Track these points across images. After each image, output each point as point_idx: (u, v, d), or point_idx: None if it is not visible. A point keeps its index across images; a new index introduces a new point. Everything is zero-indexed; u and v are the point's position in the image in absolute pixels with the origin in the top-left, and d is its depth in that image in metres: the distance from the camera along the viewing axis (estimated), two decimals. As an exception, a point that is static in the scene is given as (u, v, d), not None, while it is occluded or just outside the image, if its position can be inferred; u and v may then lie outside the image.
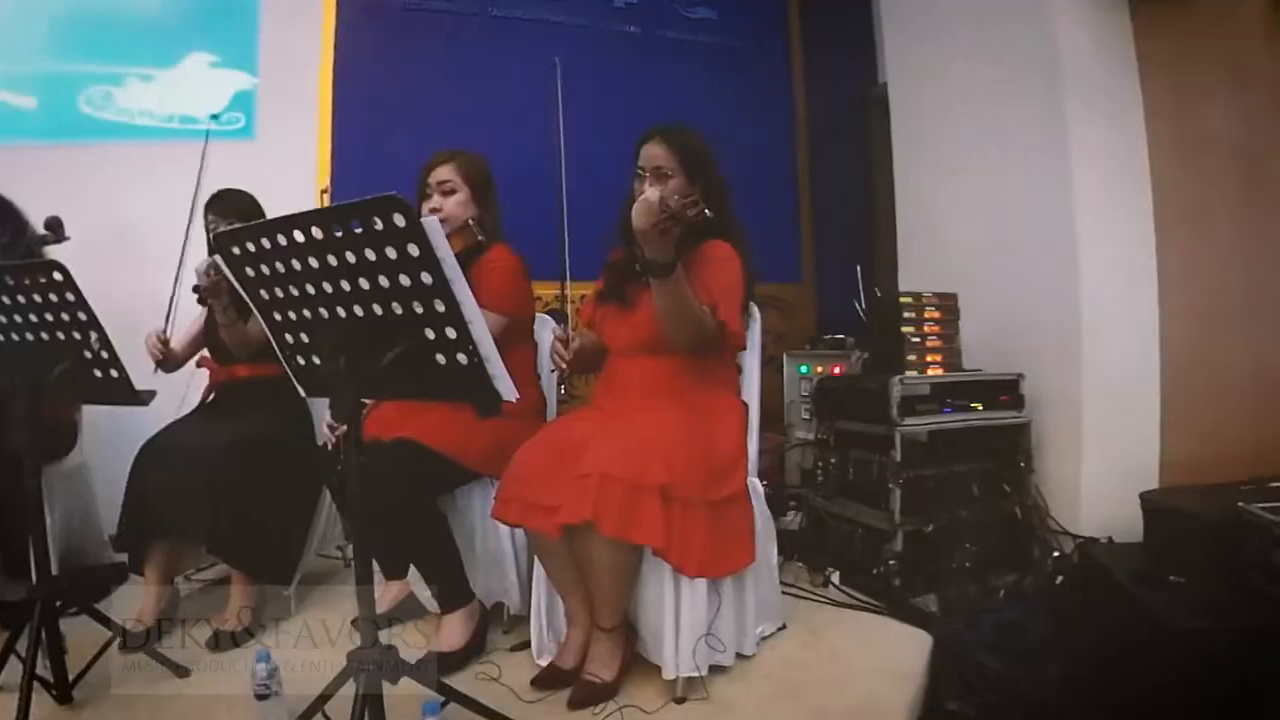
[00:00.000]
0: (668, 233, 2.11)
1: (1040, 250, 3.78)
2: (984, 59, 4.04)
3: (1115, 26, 3.70)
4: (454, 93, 4.60)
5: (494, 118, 4.50)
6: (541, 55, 4.71)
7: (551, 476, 2.32)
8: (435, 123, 4.46)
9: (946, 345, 3.62)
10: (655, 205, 2.07)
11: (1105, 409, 3.57)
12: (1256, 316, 3.60)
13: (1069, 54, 3.64)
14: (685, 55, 5.06)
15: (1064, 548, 3.39)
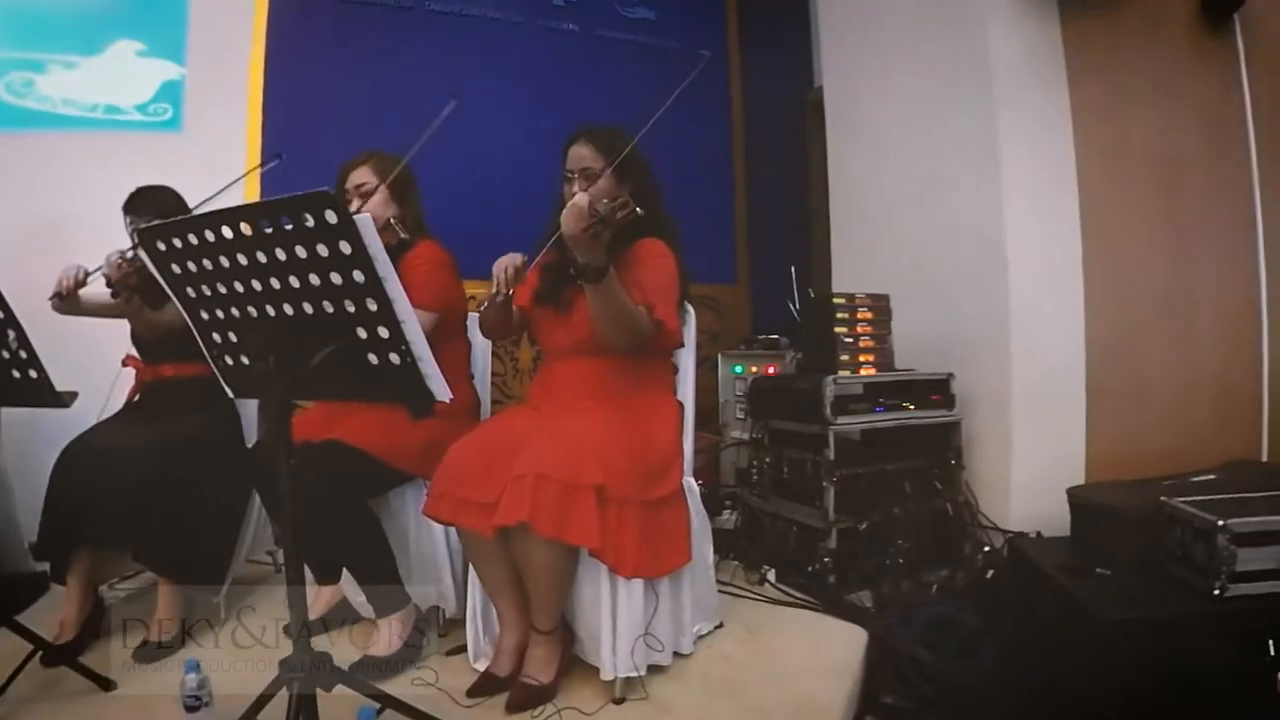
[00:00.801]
0: (598, 237, 2.09)
1: (971, 253, 3.86)
2: (918, 65, 4.12)
3: (1045, 36, 3.80)
4: (389, 88, 4.52)
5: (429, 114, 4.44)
6: (479, 51, 4.72)
7: (486, 475, 2.29)
8: (370, 118, 4.37)
9: (879, 345, 3.66)
10: (584, 210, 2.06)
11: (1033, 407, 3.66)
12: (1177, 318, 3.78)
13: (1001, 62, 3.73)
14: (623, 55, 5.07)
15: (994, 543, 3.46)
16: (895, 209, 4.28)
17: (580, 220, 2.05)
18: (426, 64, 4.59)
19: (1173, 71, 3.82)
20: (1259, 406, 3.79)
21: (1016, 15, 3.75)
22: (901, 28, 4.21)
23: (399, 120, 4.34)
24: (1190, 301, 3.78)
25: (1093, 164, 3.79)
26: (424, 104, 4.45)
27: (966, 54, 3.85)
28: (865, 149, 4.48)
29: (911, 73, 4.16)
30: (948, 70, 3.95)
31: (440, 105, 4.48)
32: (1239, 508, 2.47)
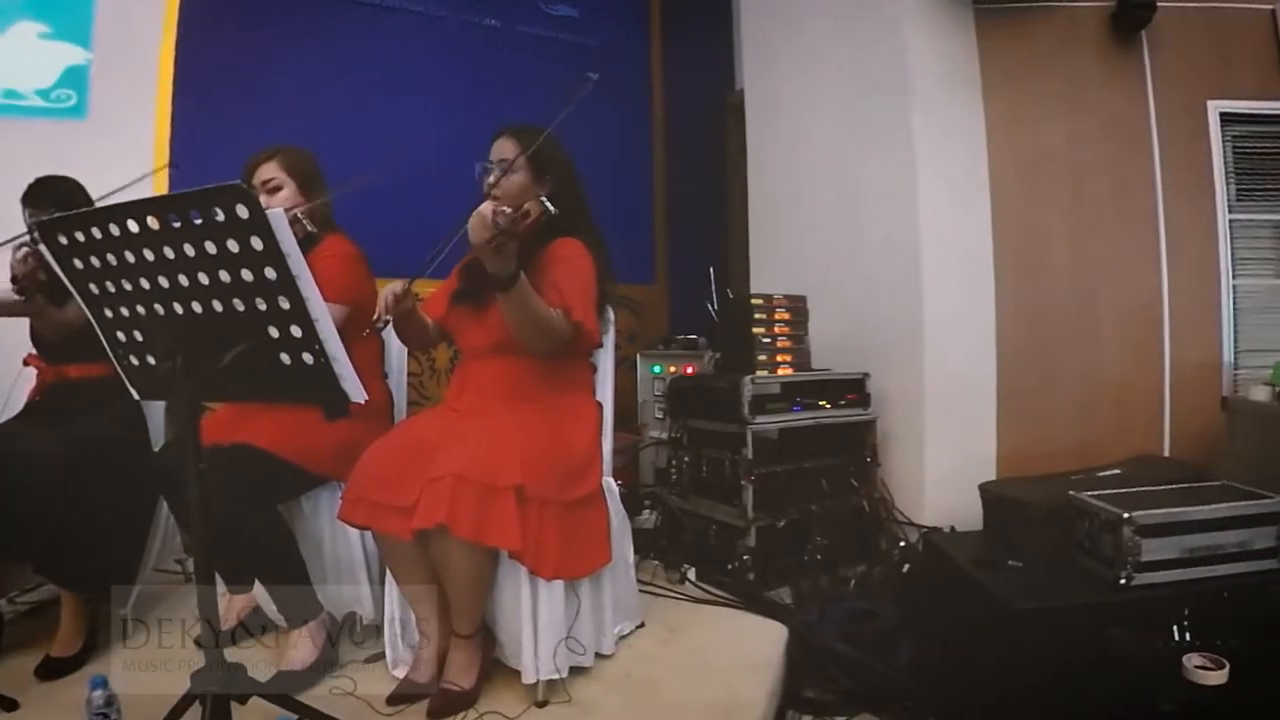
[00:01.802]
0: (502, 249, 2.06)
1: (886, 256, 3.95)
2: (838, 71, 4.20)
3: (962, 47, 3.92)
4: (308, 79, 4.41)
5: (346, 105, 4.36)
6: (400, 44, 4.63)
7: (402, 477, 2.24)
8: (286, 109, 4.25)
9: (796, 346, 3.71)
10: (487, 220, 2.02)
11: (946, 406, 3.77)
12: (1084, 321, 3.93)
13: (918, 71, 3.83)
14: (545, 52, 5.03)
15: (909, 538, 3.54)
16: (813, 212, 4.35)
17: (483, 231, 2.02)
18: (346, 55, 4.50)
19: (1083, 84, 3.98)
20: (1161, 404, 3.95)
21: (934, 26, 3.86)
22: (822, 34, 4.28)
23: (318, 111, 4.29)
24: (1097, 305, 3.94)
25: (1005, 171, 3.93)
26: (343, 95, 4.41)
27: (885, 62, 3.94)
28: (784, 152, 4.54)
29: (831, 79, 4.23)
30: (866, 77, 4.04)
31: (359, 96, 4.41)
32: (1143, 501, 2.59)
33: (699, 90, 5.53)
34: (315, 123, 3.58)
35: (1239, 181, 4.05)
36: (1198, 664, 2.02)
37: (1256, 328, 3.99)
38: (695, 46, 5.51)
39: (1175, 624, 2.31)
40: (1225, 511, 2.53)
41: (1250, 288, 4.01)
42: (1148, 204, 3.98)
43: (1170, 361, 3.93)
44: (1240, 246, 4.01)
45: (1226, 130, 4.03)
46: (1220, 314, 3.96)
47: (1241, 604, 2.42)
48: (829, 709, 2.56)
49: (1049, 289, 3.92)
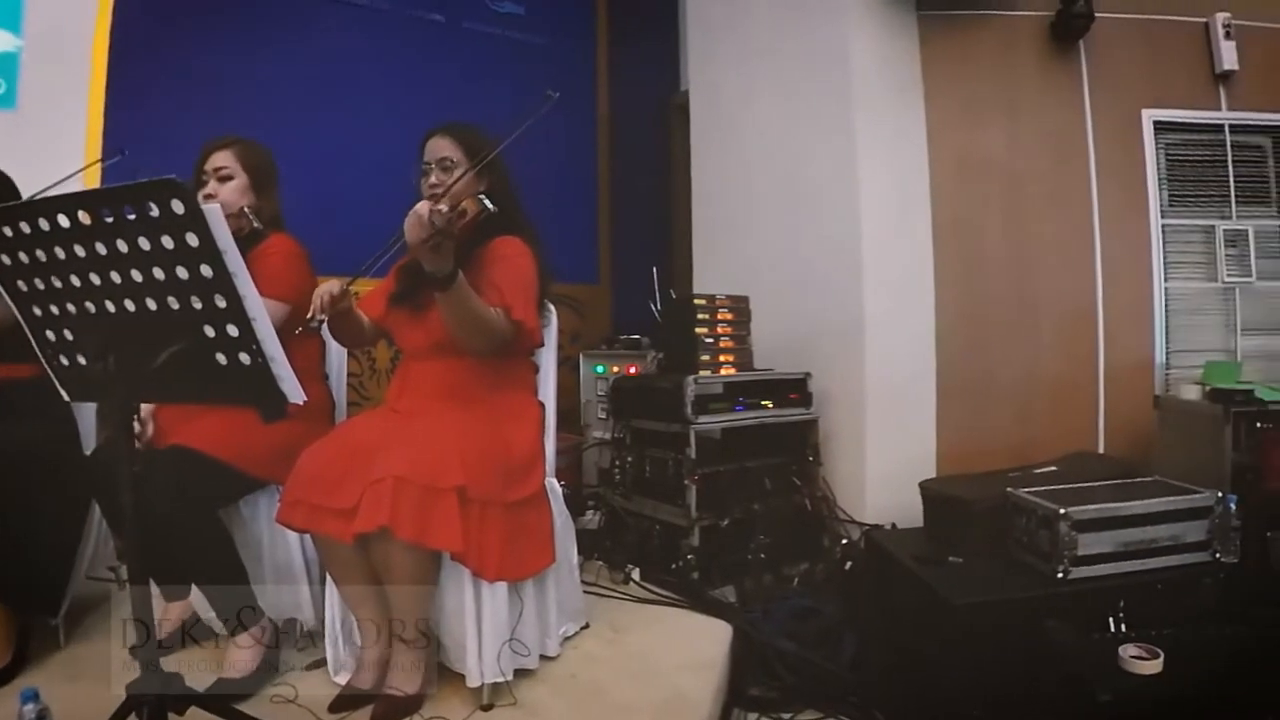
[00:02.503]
0: (439, 248, 2.02)
1: (828, 257, 4.00)
2: (782, 74, 4.23)
3: (904, 52, 4.00)
4: (247, 71, 4.31)
5: (288, 99, 4.28)
6: (341, 37, 4.55)
7: (342, 479, 2.19)
8: (224, 101, 4.15)
9: (739, 346, 3.73)
10: (424, 219, 1.99)
11: (886, 405, 3.82)
12: (1020, 322, 4.04)
13: (861, 74, 3.89)
14: (490, 48, 5.00)
15: (851, 535, 3.58)
16: (756, 213, 4.38)
17: (419, 230, 1.99)
18: (286, 47, 4.42)
19: (1022, 90, 4.10)
20: (1096, 402, 4.07)
21: (877, 31, 3.93)
22: (767, 36, 4.32)
23: (255, 104, 4.20)
24: (1033, 306, 4.05)
25: (945, 175, 4.02)
26: (284, 89, 4.33)
27: (828, 65, 3.99)
28: (728, 153, 4.57)
29: (775, 81, 4.27)
30: (810, 80, 4.08)
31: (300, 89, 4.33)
32: (1079, 497, 2.65)
33: (644, 90, 5.54)
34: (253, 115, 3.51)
35: (1171, 188, 4.20)
36: (1133, 654, 2.05)
37: (1187, 329, 4.14)
38: (641, 46, 5.51)
39: (1111, 615, 2.35)
40: (1158, 506, 2.59)
41: (1181, 290, 4.15)
42: (1084, 209, 4.10)
43: (1104, 361, 4.06)
44: (1172, 251, 4.15)
45: (1160, 138, 4.17)
46: (1152, 316, 4.09)
47: (1174, 595, 2.49)
48: (774, 706, 2.58)
49: (988, 290, 4.02)
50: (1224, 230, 4.15)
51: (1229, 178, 4.18)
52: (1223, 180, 4.18)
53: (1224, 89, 4.18)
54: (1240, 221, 4.17)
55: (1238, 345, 4.13)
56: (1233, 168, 4.18)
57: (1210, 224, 4.17)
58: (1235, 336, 4.14)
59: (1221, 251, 4.14)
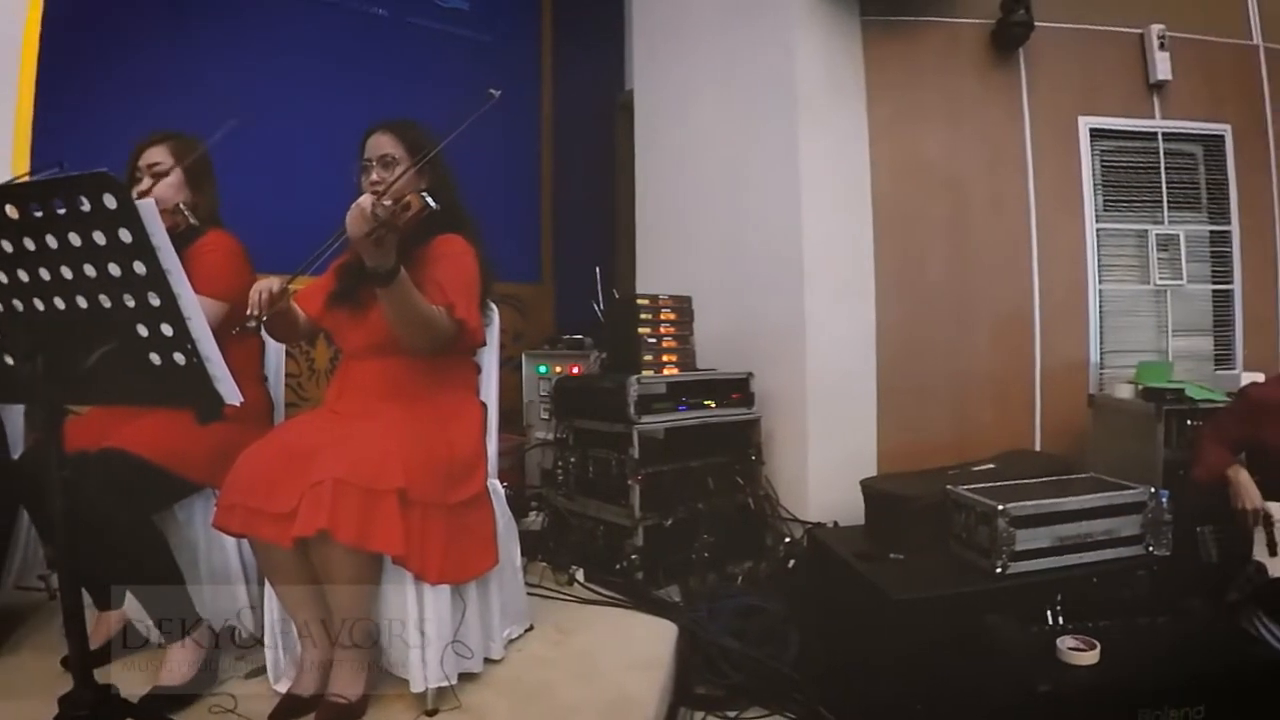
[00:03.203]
0: (382, 242, 1.99)
1: (770, 258, 4.01)
2: (727, 75, 4.25)
3: (848, 57, 4.06)
4: (182, 67, 4.17)
5: (225, 93, 4.15)
6: (283, 31, 4.46)
7: (280, 482, 2.14)
8: (159, 99, 3.98)
9: (681, 346, 3.72)
10: (367, 213, 1.95)
11: (828, 405, 3.86)
12: (959, 323, 4.13)
13: (805, 77, 3.91)
14: (434, 44, 4.91)
15: (794, 533, 3.61)
16: (699, 213, 4.38)
17: (362, 224, 1.95)
18: (223, 40, 4.29)
19: (962, 97, 4.19)
20: (1032, 401, 4.18)
21: (822, 35, 3.97)
22: (712, 38, 4.33)
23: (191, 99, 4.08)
24: (972, 307, 4.15)
25: (886, 178, 4.09)
26: (222, 84, 4.22)
27: (773, 68, 4.01)
28: (671, 153, 4.57)
29: (720, 82, 4.28)
30: (754, 82, 4.10)
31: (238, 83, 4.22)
32: (1016, 493, 2.70)
33: (589, 89, 5.52)
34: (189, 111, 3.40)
35: (1106, 193, 4.33)
36: (1071, 645, 2.08)
37: (1120, 330, 4.27)
38: (587, 45, 5.49)
39: (1049, 609, 2.39)
40: (1093, 502, 2.66)
41: (1115, 293, 4.28)
42: (1021, 212, 4.20)
43: (1041, 361, 4.17)
44: (1106, 254, 4.28)
45: (1095, 144, 4.30)
46: (1087, 317, 4.22)
47: (1110, 588, 2.57)
48: (720, 704, 2.57)
49: (927, 292, 4.09)
50: (1156, 235, 4.28)
51: (1161, 184, 4.32)
52: (1155, 186, 4.32)
53: (1158, 98, 4.32)
54: (1172, 226, 4.31)
55: (1169, 346, 4.27)
56: (1165, 174, 4.33)
57: (1143, 229, 4.31)
58: (1167, 337, 4.28)
59: (1154, 255, 4.27)
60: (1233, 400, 2.96)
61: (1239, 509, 2.53)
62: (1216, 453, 2.73)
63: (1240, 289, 4.36)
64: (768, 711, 2.56)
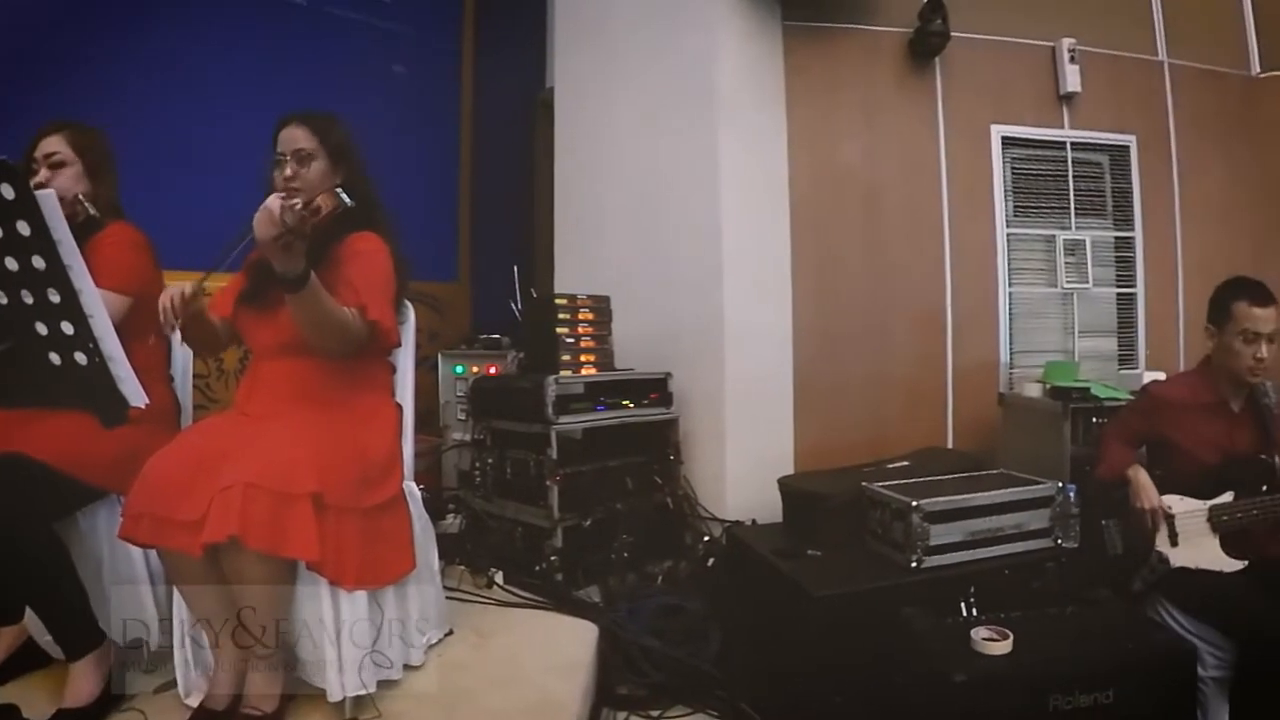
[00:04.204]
0: (291, 246, 1.94)
1: (688, 258, 4.03)
2: (648, 76, 4.25)
3: (769, 61, 4.11)
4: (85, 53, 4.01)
5: (130, 81, 4.03)
6: (192, 17, 4.30)
7: (189, 488, 2.07)
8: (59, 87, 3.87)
9: (600, 346, 3.72)
10: (274, 216, 1.90)
11: (746, 404, 3.89)
12: (873, 323, 4.22)
13: (725, 80, 3.95)
14: (352, 35, 4.81)
15: (713, 532, 3.63)
16: (618, 213, 4.38)
17: (269, 228, 1.89)
18: (133, 28, 4.15)
19: (880, 103, 4.29)
20: (945, 400, 4.30)
21: (743, 38, 4.01)
22: (634, 38, 4.33)
23: (94, 88, 3.94)
24: (887, 309, 4.24)
25: (804, 181, 4.16)
26: (124, 69, 4.07)
27: (694, 70, 4.03)
28: (591, 152, 4.56)
29: (641, 82, 4.28)
30: (675, 83, 4.11)
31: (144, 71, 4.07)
32: (930, 489, 2.77)
33: (510, 85, 5.46)
34: (92, 100, 3.29)
35: (1016, 199, 4.46)
36: (984, 636, 2.12)
37: (1029, 331, 4.42)
38: (509, 40, 5.44)
39: (963, 601, 2.47)
40: (1003, 497, 2.74)
41: (1024, 295, 4.42)
42: (935, 217, 4.32)
43: (953, 361, 4.29)
44: (1016, 258, 4.43)
45: (1007, 152, 4.44)
46: (997, 318, 4.35)
47: (1021, 580, 2.65)
48: (643, 704, 2.58)
49: (843, 293, 4.17)
50: (1064, 240, 4.44)
51: (1069, 191, 4.49)
52: (1063, 193, 4.48)
53: (1067, 109, 4.49)
54: (1079, 232, 4.48)
55: (1075, 346, 4.44)
56: (1073, 182, 4.49)
57: (1051, 234, 4.46)
58: (1073, 338, 4.44)
59: (1061, 259, 4.43)
60: (1135, 398, 3.05)
61: (1138, 508, 2.60)
62: (1119, 451, 2.81)
63: (1143, 292, 4.55)
64: (690, 710, 2.58)
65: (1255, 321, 2.56)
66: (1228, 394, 2.70)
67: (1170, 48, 4.65)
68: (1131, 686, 2.05)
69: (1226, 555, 2.53)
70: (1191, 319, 4.48)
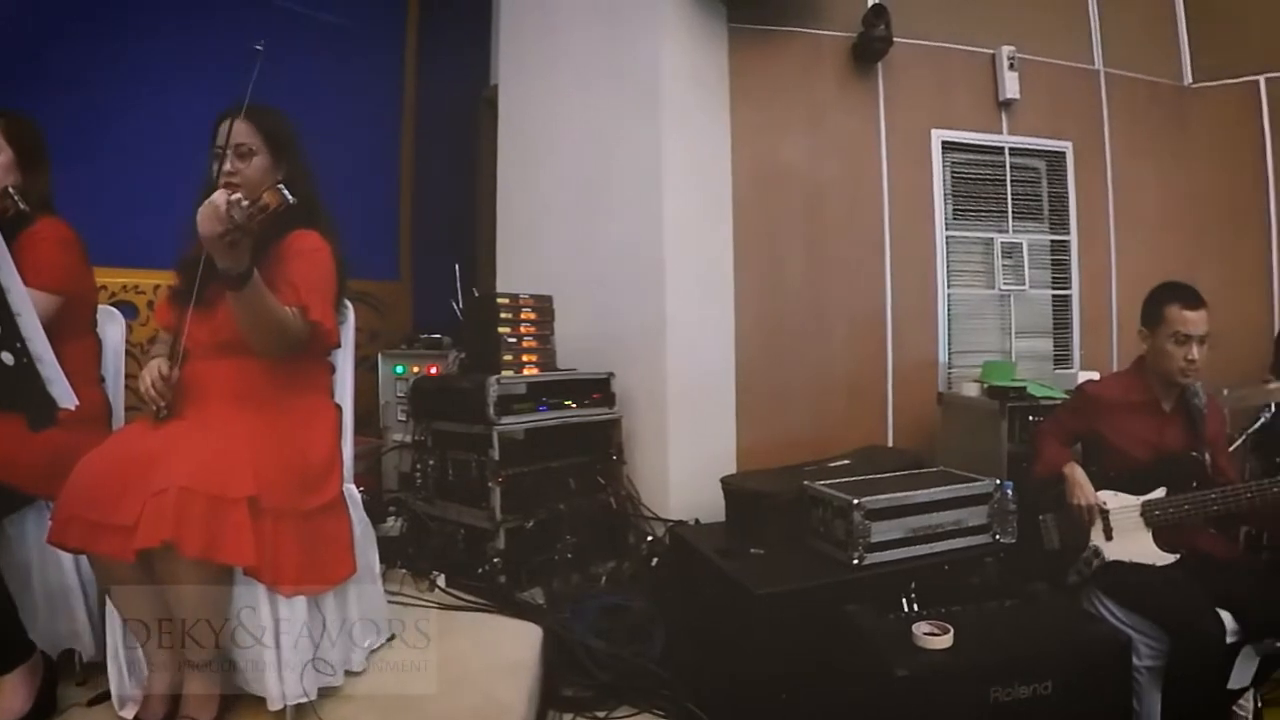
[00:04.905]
0: (237, 244, 1.90)
1: (631, 258, 4.03)
2: (593, 75, 4.24)
3: (713, 62, 4.14)
4: (17, 40, 3.88)
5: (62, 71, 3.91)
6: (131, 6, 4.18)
7: (121, 492, 2.01)
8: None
9: (542, 345, 3.70)
10: (221, 213, 1.85)
11: (688, 404, 3.91)
12: (815, 324, 4.28)
13: (669, 80, 3.96)
14: (295, 26, 4.70)
15: (657, 532, 3.63)
16: (561, 212, 4.36)
17: (215, 224, 1.85)
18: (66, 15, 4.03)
19: (823, 106, 4.34)
20: (885, 399, 4.37)
21: (688, 39, 4.03)
22: (579, 36, 4.32)
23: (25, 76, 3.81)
24: (829, 309, 4.29)
25: (747, 182, 4.20)
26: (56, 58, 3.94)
27: (638, 70, 4.04)
28: (535, 151, 4.52)
29: (585, 81, 4.27)
30: (620, 84, 4.11)
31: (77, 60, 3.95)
32: (871, 487, 2.80)
33: (454, 81, 5.37)
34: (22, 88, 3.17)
35: (955, 202, 4.56)
36: (925, 631, 2.14)
37: (967, 331, 4.51)
38: (453, 37, 5.36)
39: (904, 596, 2.48)
40: (942, 494, 2.78)
41: (962, 296, 4.51)
42: (876, 220, 4.38)
43: (893, 361, 4.37)
44: (954, 260, 4.52)
45: (946, 156, 4.52)
46: (936, 319, 4.44)
47: (960, 575, 2.69)
48: (588, 705, 2.58)
49: (785, 294, 4.22)
50: (1001, 243, 4.54)
51: (1007, 195, 4.59)
52: (1001, 197, 4.59)
53: (1006, 115, 4.60)
54: (1016, 235, 4.58)
55: (1012, 347, 4.54)
56: (1011, 186, 4.60)
57: (989, 237, 4.55)
58: (1010, 339, 4.55)
59: (999, 262, 4.53)
60: (1070, 397, 3.12)
61: (1074, 504, 2.66)
62: (1054, 449, 2.88)
63: (1078, 294, 4.68)
64: (636, 710, 2.58)
65: (1187, 324, 2.64)
66: (1159, 394, 2.78)
67: (1106, 57, 4.80)
68: (1069, 677, 2.09)
69: (1159, 549, 2.60)
70: (1125, 321, 4.61)
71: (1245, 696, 2.42)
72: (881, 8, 4.14)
